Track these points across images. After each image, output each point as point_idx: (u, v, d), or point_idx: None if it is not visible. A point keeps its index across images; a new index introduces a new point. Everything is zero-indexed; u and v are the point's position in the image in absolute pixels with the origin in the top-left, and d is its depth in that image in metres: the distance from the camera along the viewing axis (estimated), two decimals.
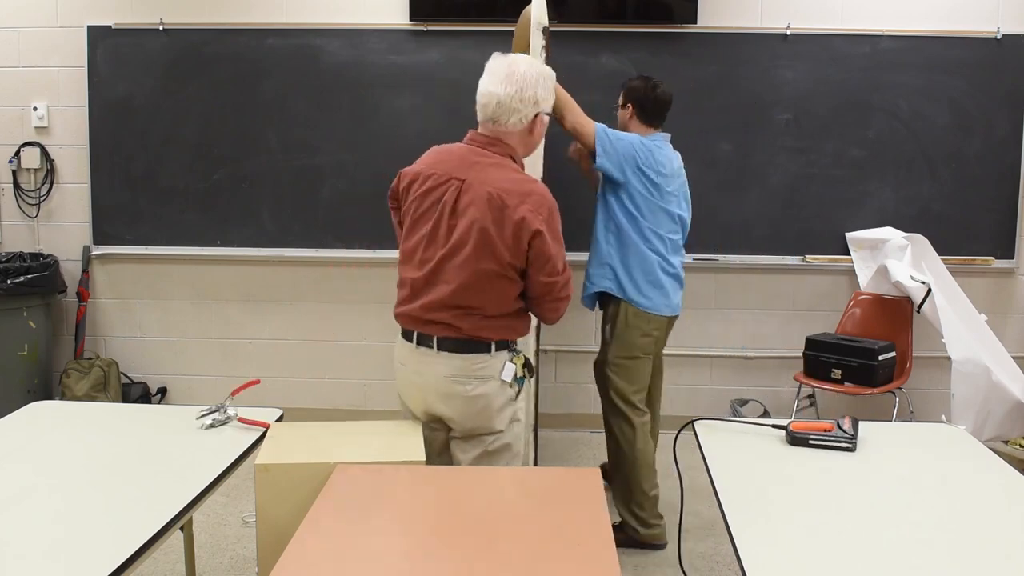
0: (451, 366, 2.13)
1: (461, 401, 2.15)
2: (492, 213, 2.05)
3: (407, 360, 2.21)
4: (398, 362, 2.26)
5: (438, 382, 2.15)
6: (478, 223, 2.06)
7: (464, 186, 2.10)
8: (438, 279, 2.11)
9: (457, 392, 2.14)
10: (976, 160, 4.19)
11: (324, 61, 4.24)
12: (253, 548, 3.02)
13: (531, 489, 1.76)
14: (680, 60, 4.20)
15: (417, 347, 2.16)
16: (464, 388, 2.13)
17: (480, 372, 2.14)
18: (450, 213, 2.10)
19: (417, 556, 1.46)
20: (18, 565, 1.43)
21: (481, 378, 2.14)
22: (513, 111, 2.12)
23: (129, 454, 1.99)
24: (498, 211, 2.05)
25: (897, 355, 3.90)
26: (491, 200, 2.06)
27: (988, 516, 1.70)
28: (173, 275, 4.46)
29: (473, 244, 2.06)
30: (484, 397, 2.15)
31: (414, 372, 2.19)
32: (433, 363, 2.14)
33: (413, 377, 2.20)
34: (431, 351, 2.14)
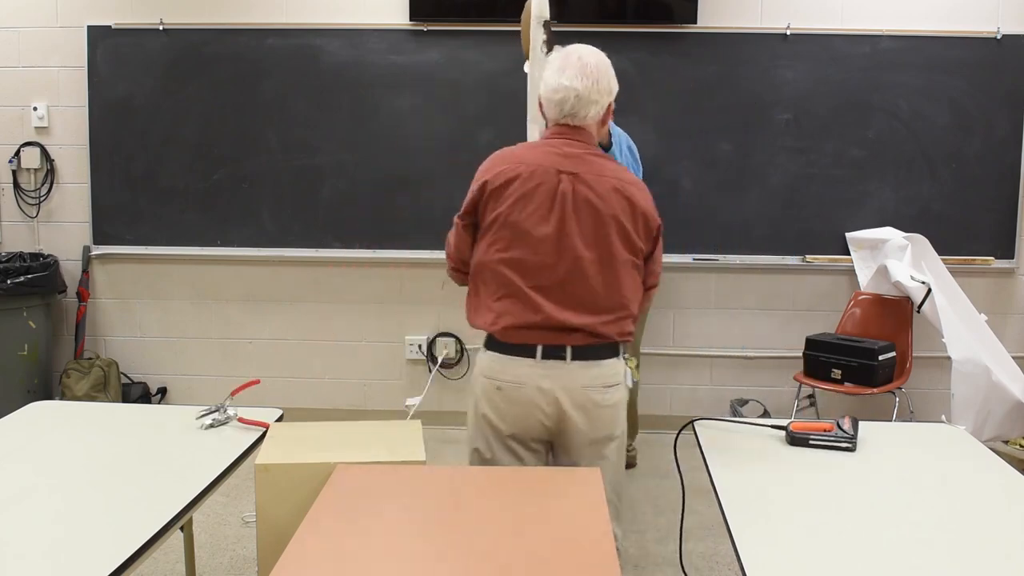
0: (589, 375, 2.01)
1: (597, 412, 2.02)
2: (621, 204, 2.00)
3: (523, 377, 2.01)
4: (504, 382, 2.04)
5: (573, 393, 2.00)
6: (614, 215, 1.99)
7: (578, 179, 2.00)
8: (578, 280, 1.99)
9: (595, 402, 2.01)
10: (976, 160, 4.19)
11: (324, 61, 4.25)
12: (253, 548, 3.02)
13: (531, 489, 1.76)
14: (680, 60, 4.20)
15: (542, 360, 2.00)
16: (603, 397, 2.02)
17: (614, 379, 2.04)
18: (574, 208, 1.99)
19: (417, 556, 1.46)
20: (18, 565, 1.43)
21: (614, 385, 2.04)
22: (592, 103, 2.03)
23: (129, 454, 1.99)
24: (627, 203, 2.00)
25: (897, 355, 3.90)
26: (618, 192, 2.00)
27: (988, 516, 1.70)
28: (173, 275, 4.46)
29: (616, 237, 1.99)
30: (618, 405, 2.06)
31: (536, 389, 2.01)
32: (565, 374, 2.00)
33: (533, 395, 2.01)
34: (561, 362, 1.99)
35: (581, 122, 2.06)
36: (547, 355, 1.99)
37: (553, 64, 2.06)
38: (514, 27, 4.17)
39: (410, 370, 4.49)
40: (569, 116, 2.05)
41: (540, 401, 2.01)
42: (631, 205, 2.02)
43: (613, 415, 2.05)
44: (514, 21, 4.16)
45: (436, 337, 4.44)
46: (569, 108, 2.04)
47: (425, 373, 4.47)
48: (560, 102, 2.04)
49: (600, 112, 2.07)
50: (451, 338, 4.43)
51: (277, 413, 2.29)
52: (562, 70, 2.04)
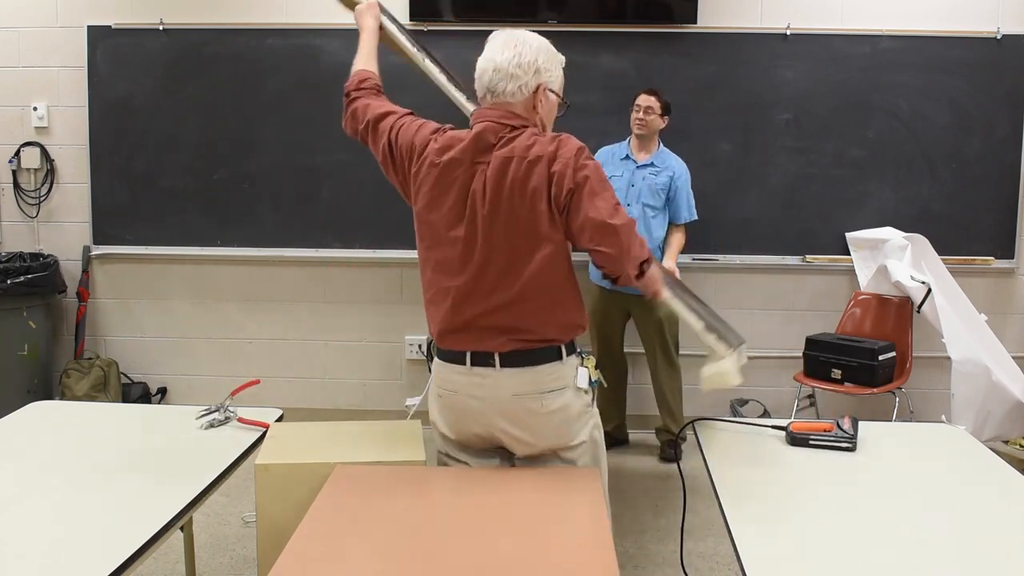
0: (520, 382, 1.87)
1: (534, 421, 1.89)
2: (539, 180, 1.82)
3: (457, 385, 1.92)
4: (443, 389, 1.96)
5: (505, 403, 1.88)
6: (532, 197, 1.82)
7: (491, 166, 1.86)
8: (488, 278, 1.86)
9: (530, 410, 1.88)
10: (976, 160, 4.19)
11: (324, 61, 4.24)
12: (253, 548, 3.01)
13: (531, 489, 1.76)
14: (680, 60, 4.19)
15: (471, 368, 1.88)
16: (540, 404, 1.88)
17: (555, 383, 1.89)
18: (490, 199, 1.85)
19: (417, 556, 1.45)
20: (18, 565, 1.43)
21: (555, 390, 1.89)
22: (511, 77, 1.91)
23: (129, 454, 1.99)
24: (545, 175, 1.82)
25: (897, 355, 3.89)
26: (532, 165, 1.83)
27: (988, 516, 1.70)
28: (173, 275, 4.46)
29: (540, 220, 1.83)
30: (564, 411, 1.91)
31: (469, 397, 1.91)
32: (495, 383, 1.88)
33: (468, 402, 1.91)
34: (491, 369, 1.87)
35: (502, 98, 1.93)
36: (476, 362, 1.88)
37: (488, 42, 2.00)
38: (514, 27, 4.18)
39: (410, 370, 4.49)
40: (488, 92, 1.96)
41: (473, 410, 1.91)
42: (548, 176, 1.83)
43: (560, 421, 1.91)
44: (515, 21, 4.16)
45: None
46: (487, 81, 1.95)
47: (425, 373, 4.47)
48: (478, 77, 1.98)
49: (524, 91, 1.92)
50: None
51: (277, 413, 2.29)
52: (490, 44, 1.99)
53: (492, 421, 1.91)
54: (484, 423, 1.92)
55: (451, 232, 1.91)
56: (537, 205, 1.83)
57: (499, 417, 1.90)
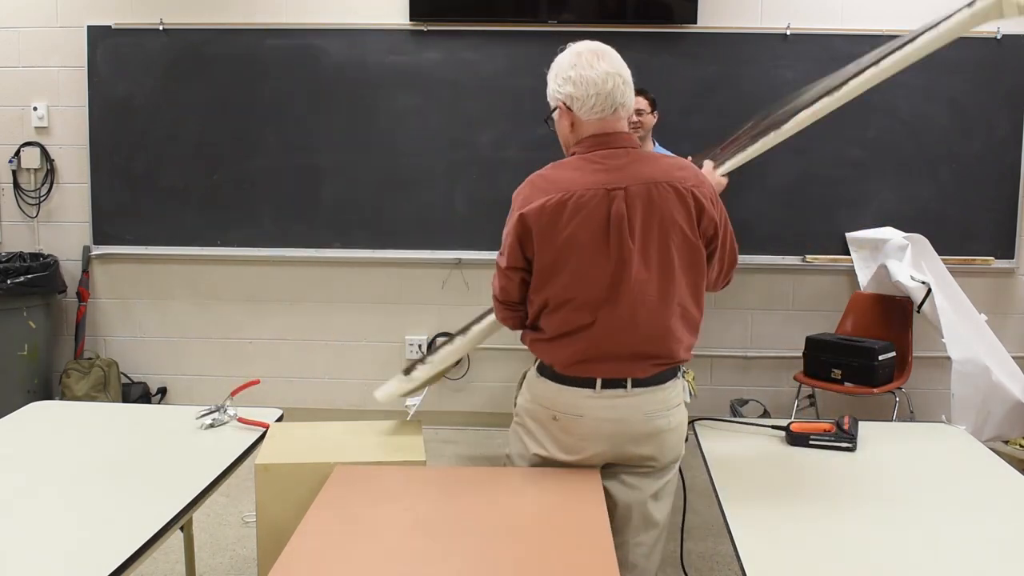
0: (652, 401, 1.84)
1: (663, 437, 1.87)
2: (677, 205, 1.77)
3: (584, 409, 1.83)
4: (562, 413, 1.85)
5: (638, 422, 1.83)
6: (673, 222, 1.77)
7: (629, 193, 1.76)
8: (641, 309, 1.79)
9: (660, 428, 1.86)
10: (976, 160, 4.18)
11: (324, 61, 4.24)
12: (253, 548, 3.01)
13: (531, 489, 1.76)
14: (680, 60, 4.19)
15: (600, 391, 1.82)
16: (667, 422, 1.87)
17: (676, 399, 1.90)
18: (630, 230, 1.76)
19: (417, 556, 1.45)
20: (18, 565, 1.43)
21: (676, 406, 1.90)
22: (631, 88, 1.82)
23: (129, 454, 1.99)
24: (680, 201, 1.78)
25: (897, 355, 3.89)
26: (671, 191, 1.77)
27: (988, 516, 1.70)
28: (173, 275, 4.46)
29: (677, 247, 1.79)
30: (681, 426, 1.92)
31: (598, 420, 1.83)
32: (626, 402, 1.83)
33: (598, 425, 1.83)
34: (622, 391, 1.82)
35: (624, 115, 1.83)
36: (607, 385, 1.82)
37: (575, 60, 1.80)
38: (513, 27, 4.18)
39: None
40: (619, 107, 1.80)
41: (603, 432, 1.84)
42: (684, 202, 1.78)
43: (679, 437, 1.93)
44: (514, 21, 4.16)
45: (436, 337, 4.44)
46: (620, 97, 1.79)
47: None
48: (610, 93, 1.77)
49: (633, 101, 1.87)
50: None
51: (277, 413, 2.29)
52: (597, 57, 1.79)
53: (622, 442, 1.85)
54: (613, 444, 1.85)
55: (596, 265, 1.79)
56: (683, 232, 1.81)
57: (630, 437, 1.85)
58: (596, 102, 1.78)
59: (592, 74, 1.77)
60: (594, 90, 1.77)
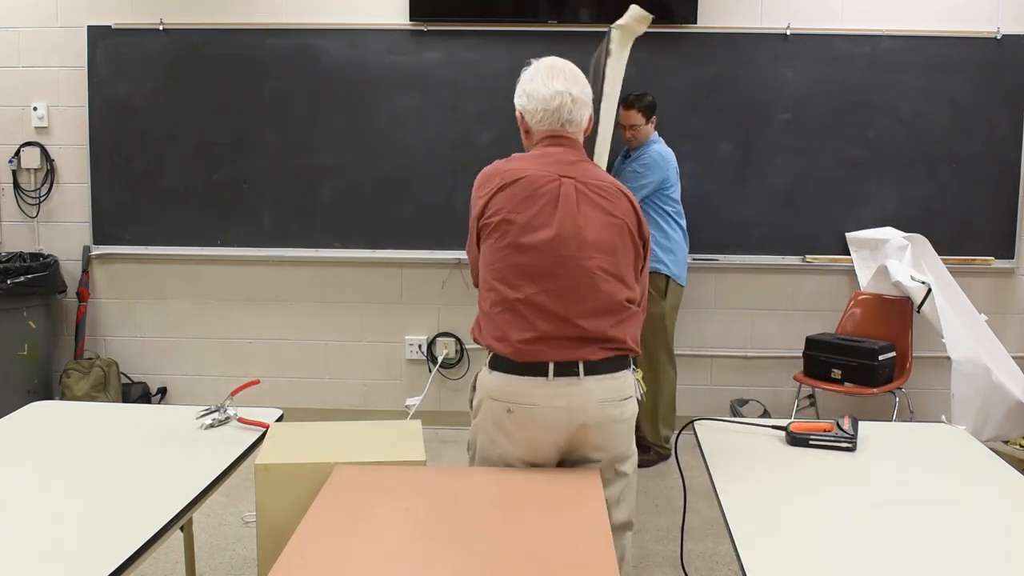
0: (604, 389, 1.88)
1: (614, 427, 1.91)
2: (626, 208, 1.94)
3: (536, 396, 1.87)
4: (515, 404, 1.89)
5: (590, 410, 1.87)
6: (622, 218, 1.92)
7: (579, 182, 1.91)
8: (586, 283, 1.87)
9: (612, 417, 1.90)
10: (976, 160, 4.19)
11: (324, 61, 4.24)
12: (253, 548, 3.01)
13: (531, 489, 1.76)
14: (680, 60, 4.20)
15: (554, 379, 1.86)
16: (619, 411, 1.91)
17: (628, 391, 1.94)
18: (578, 207, 1.89)
19: (416, 556, 1.45)
20: (18, 565, 1.43)
21: (628, 398, 1.94)
22: (584, 106, 1.97)
23: (129, 454, 1.99)
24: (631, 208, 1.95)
25: (897, 355, 3.90)
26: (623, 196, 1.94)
27: (988, 516, 1.70)
28: (173, 275, 4.46)
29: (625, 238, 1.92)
30: (632, 419, 1.96)
31: (549, 409, 1.86)
32: (579, 389, 1.87)
33: (549, 415, 1.86)
34: (574, 379, 1.86)
35: (575, 129, 1.98)
36: (559, 372, 1.86)
37: (533, 75, 1.99)
38: (513, 27, 4.18)
39: (410, 370, 4.49)
40: (566, 123, 1.96)
41: (555, 422, 1.87)
42: (635, 211, 1.96)
43: (627, 430, 1.96)
44: (514, 21, 4.16)
45: (436, 337, 4.44)
46: (567, 114, 1.95)
47: (425, 373, 4.47)
48: (557, 108, 1.94)
49: (588, 118, 2.00)
50: (451, 338, 4.43)
51: (277, 413, 2.29)
52: (550, 76, 1.95)
53: (574, 431, 1.89)
54: (567, 433, 1.89)
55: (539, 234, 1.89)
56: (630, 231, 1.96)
57: (582, 425, 1.89)
58: (544, 116, 1.97)
59: (543, 91, 1.95)
60: (542, 106, 1.96)
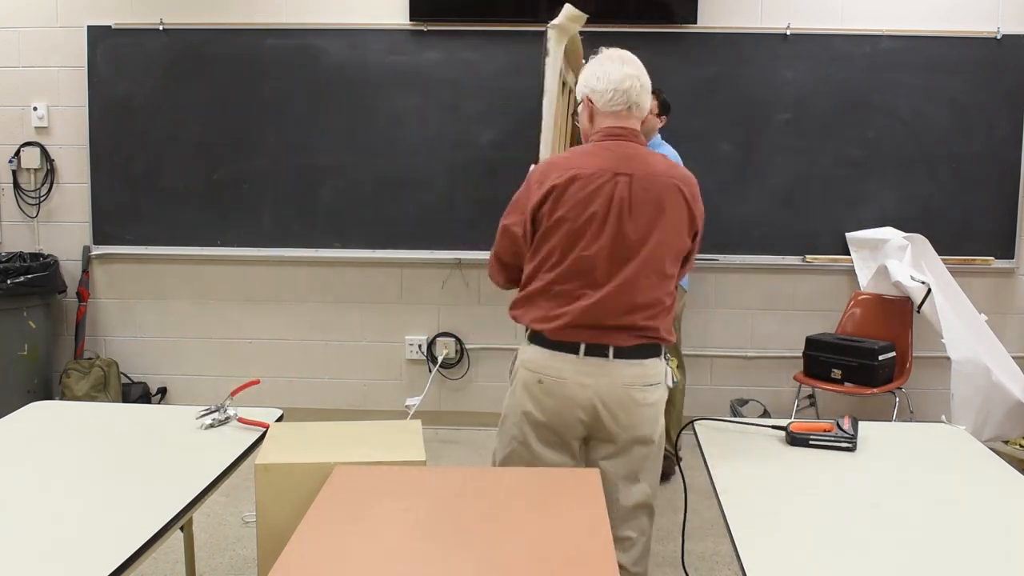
0: (631, 373, 2.01)
1: (637, 410, 2.02)
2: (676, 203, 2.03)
3: (567, 372, 2.01)
4: (546, 375, 2.03)
5: (615, 390, 2.00)
6: (669, 216, 2.01)
7: (634, 180, 1.99)
8: (629, 284, 1.99)
9: (636, 400, 2.02)
10: (976, 160, 4.19)
11: (324, 61, 4.24)
12: (253, 548, 3.01)
13: (531, 489, 1.76)
14: (680, 60, 4.19)
15: (584, 357, 1.99)
16: (643, 395, 2.03)
17: (655, 378, 2.05)
18: (630, 211, 1.99)
19: (416, 556, 1.45)
20: (18, 565, 1.43)
21: (655, 384, 2.05)
22: (648, 92, 2.09)
23: (129, 454, 1.99)
24: (682, 202, 2.04)
25: (897, 355, 3.90)
26: (674, 190, 2.03)
27: (988, 516, 1.70)
28: (173, 275, 4.46)
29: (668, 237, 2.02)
30: (657, 404, 2.07)
31: (577, 385, 2.00)
32: (606, 370, 2.00)
33: (576, 390, 2.00)
34: (603, 360, 1.99)
35: (638, 116, 2.08)
36: (590, 352, 1.99)
37: (603, 60, 2.08)
38: (513, 27, 4.18)
39: (410, 370, 4.49)
40: (633, 105, 2.05)
41: (580, 396, 2.01)
42: (685, 204, 2.05)
43: (654, 414, 2.06)
44: (513, 21, 4.16)
45: (436, 337, 4.44)
46: (635, 95, 2.05)
47: (425, 373, 4.47)
48: (627, 90, 2.03)
49: (649, 109, 2.13)
50: (451, 338, 4.42)
51: (277, 413, 2.29)
52: (621, 62, 2.06)
53: (598, 408, 2.01)
54: (591, 409, 2.02)
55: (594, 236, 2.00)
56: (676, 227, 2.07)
57: (605, 404, 2.01)
58: (613, 97, 2.04)
59: (615, 74, 2.05)
60: (613, 86, 2.04)
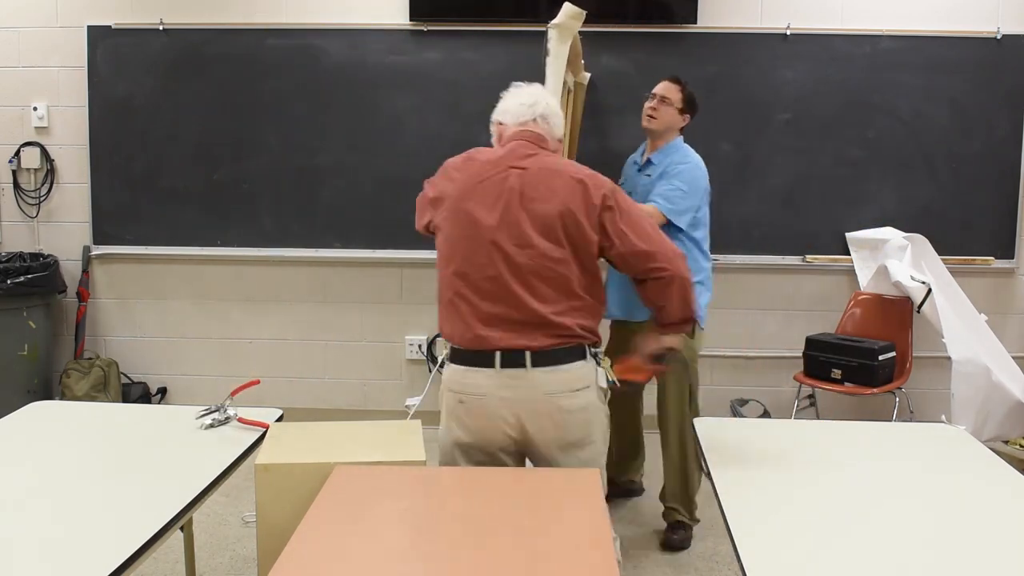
0: (552, 380, 1.96)
1: (564, 417, 1.98)
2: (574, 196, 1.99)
3: (484, 387, 1.97)
4: (466, 395, 1.99)
5: (538, 401, 1.96)
6: (566, 207, 1.97)
7: (527, 173, 2.00)
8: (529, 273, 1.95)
9: (562, 407, 1.98)
10: (976, 160, 4.18)
11: (324, 61, 4.24)
12: (253, 548, 3.01)
13: (531, 489, 1.76)
14: (680, 60, 4.19)
15: (501, 370, 1.95)
16: (570, 402, 1.98)
17: (581, 382, 2.00)
18: (520, 201, 1.98)
19: (416, 556, 1.45)
20: (18, 565, 1.43)
21: (582, 389, 2.00)
22: (557, 115, 2.18)
23: (129, 454, 2.00)
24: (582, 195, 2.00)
25: (897, 355, 3.89)
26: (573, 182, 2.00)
27: (988, 516, 1.70)
28: (173, 275, 4.46)
29: (568, 228, 1.98)
30: (589, 409, 2.02)
31: (497, 399, 1.96)
32: (526, 381, 1.95)
33: (497, 405, 1.96)
34: (522, 371, 1.94)
35: (547, 126, 2.14)
36: (506, 363, 1.94)
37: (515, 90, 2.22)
38: (513, 27, 4.18)
39: (410, 370, 4.49)
40: (539, 117, 2.13)
41: (503, 412, 1.97)
42: (584, 192, 2.00)
43: (585, 419, 2.02)
44: (513, 21, 4.16)
45: (436, 337, 4.44)
46: (542, 108, 2.14)
47: (425, 373, 4.47)
48: (533, 104, 2.14)
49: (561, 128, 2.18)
50: None
51: (277, 413, 2.29)
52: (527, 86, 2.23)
53: (523, 421, 1.98)
54: (516, 424, 1.99)
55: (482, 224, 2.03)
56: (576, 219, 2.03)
57: (530, 416, 1.97)
58: (519, 111, 2.14)
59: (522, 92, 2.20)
60: (518, 101, 2.16)
